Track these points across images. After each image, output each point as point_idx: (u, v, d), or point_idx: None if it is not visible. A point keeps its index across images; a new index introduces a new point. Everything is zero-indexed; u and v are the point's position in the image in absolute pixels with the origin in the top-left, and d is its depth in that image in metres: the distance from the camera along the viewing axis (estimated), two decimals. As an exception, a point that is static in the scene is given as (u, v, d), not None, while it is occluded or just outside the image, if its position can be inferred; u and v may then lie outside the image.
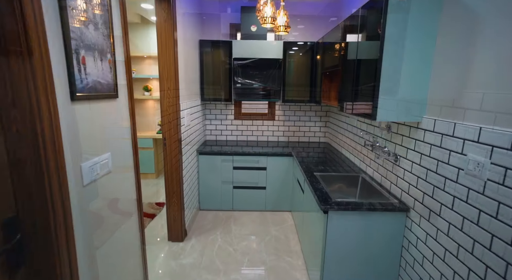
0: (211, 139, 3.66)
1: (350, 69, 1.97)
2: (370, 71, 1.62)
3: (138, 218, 1.55)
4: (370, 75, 1.62)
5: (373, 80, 1.57)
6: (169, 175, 2.42)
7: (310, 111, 3.58)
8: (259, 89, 3.20)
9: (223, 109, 3.57)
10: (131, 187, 1.49)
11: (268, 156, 3.12)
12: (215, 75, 3.20)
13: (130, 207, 1.48)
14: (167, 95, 2.27)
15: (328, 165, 2.56)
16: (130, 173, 1.48)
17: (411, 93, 1.51)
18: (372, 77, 1.59)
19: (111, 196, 1.31)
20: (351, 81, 1.90)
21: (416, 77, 1.49)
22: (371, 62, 1.62)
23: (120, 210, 1.38)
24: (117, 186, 1.35)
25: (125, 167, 1.43)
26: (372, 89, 1.58)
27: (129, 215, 1.47)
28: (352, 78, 1.88)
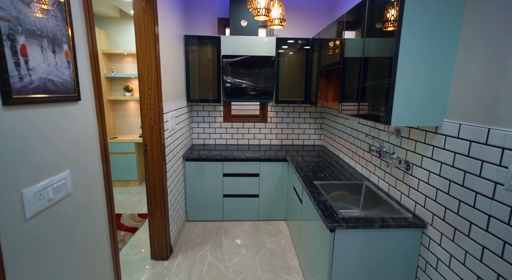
0: (198, 143, 3.39)
1: (354, 68, 1.76)
2: (382, 70, 1.42)
3: (111, 249, 1.27)
4: (382, 75, 1.42)
5: (385, 80, 1.36)
6: (151, 186, 2.14)
7: (305, 113, 3.37)
8: (250, 89, 2.97)
9: (211, 110, 3.31)
10: (100, 209, 1.22)
11: (261, 162, 2.88)
12: (202, 74, 2.93)
13: (99, 236, 1.21)
14: (147, 97, 1.99)
15: (327, 171, 2.35)
16: (98, 192, 1.20)
17: (429, 93, 1.31)
18: (383, 77, 1.39)
19: (72, 225, 1.03)
20: (356, 80, 1.70)
21: (436, 75, 1.29)
22: (383, 60, 1.41)
23: (85, 242, 1.11)
24: (80, 211, 1.08)
25: (91, 184, 1.16)
26: (384, 90, 1.37)
27: (98, 247, 1.20)
28: (358, 77, 1.67)
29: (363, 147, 2.26)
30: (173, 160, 2.44)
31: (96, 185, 1.19)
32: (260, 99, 3.04)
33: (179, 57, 2.65)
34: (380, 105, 1.42)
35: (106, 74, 3.78)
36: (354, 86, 1.74)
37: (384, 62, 1.38)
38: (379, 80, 1.44)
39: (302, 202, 2.19)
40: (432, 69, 1.29)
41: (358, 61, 1.68)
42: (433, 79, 1.30)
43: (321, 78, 2.66)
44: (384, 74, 1.38)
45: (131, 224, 2.87)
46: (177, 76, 2.57)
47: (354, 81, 1.75)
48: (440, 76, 1.30)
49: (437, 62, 1.29)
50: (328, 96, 2.71)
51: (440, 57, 1.28)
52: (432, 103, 1.32)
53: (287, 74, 3.03)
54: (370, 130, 2.13)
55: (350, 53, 1.84)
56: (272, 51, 2.91)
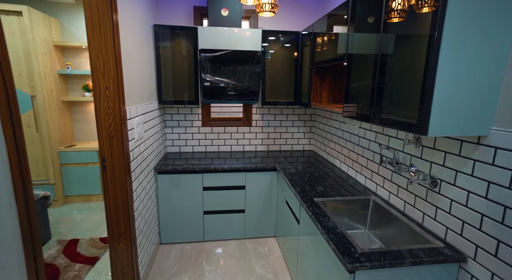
0: (173, 151, 2.94)
1: (364, 64, 1.45)
2: (412, 70, 1.11)
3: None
4: (411, 76, 1.11)
5: (417, 82, 1.06)
6: (112, 213, 1.68)
7: (293, 115, 3.05)
8: (232, 89, 2.58)
9: (188, 113, 2.88)
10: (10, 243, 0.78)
11: (247, 172, 2.51)
12: (176, 71, 2.50)
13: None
14: (104, 98, 1.54)
15: (325, 183, 2.04)
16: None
17: (475, 97, 1.02)
18: (414, 78, 1.09)
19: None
20: (368, 79, 1.38)
21: (483, 75, 1.01)
22: (411, 58, 1.11)
23: None
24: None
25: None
26: (415, 91, 1.06)
27: None
28: (371, 75, 1.36)
29: (366, 156, 1.98)
30: (141, 175, 1.99)
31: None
32: (244, 100, 2.67)
33: (147, 50, 2.20)
34: (409, 110, 1.11)
35: (59, 71, 3.20)
36: (365, 86, 1.43)
37: (416, 58, 1.08)
38: (408, 81, 1.13)
39: (300, 222, 1.85)
40: (477, 67, 1.00)
41: (372, 56, 1.36)
42: (480, 79, 1.01)
43: (314, 77, 2.35)
44: (414, 72, 1.08)
45: (91, 252, 2.36)
46: (145, 73, 2.13)
47: (365, 80, 1.44)
48: (487, 75, 1.01)
49: (483, 59, 1.00)
50: (323, 97, 2.41)
51: (486, 52, 1.00)
52: (477, 109, 1.04)
53: (275, 72, 2.68)
54: (377, 136, 1.84)
55: (359, 47, 1.53)
56: (257, 46, 2.55)
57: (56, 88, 3.18)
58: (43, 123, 3.03)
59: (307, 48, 2.48)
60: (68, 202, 3.40)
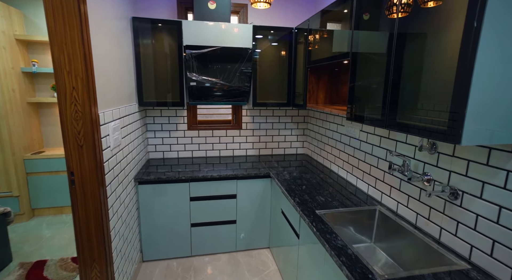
0: (156, 157, 2.68)
1: (376, 63, 1.30)
2: (439, 68, 0.96)
3: None
4: (438, 75, 0.96)
5: (446, 82, 0.91)
6: (83, 233, 1.43)
7: (285, 117, 2.88)
8: (221, 89, 2.37)
9: (172, 116, 2.64)
10: None
11: (238, 180, 2.31)
12: (158, 69, 2.26)
13: None
14: (71, 101, 1.29)
15: (325, 192, 1.87)
16: None
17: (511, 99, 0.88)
18: (441, 78, 0.94)
19: None
20: (382, 80, 1.23)
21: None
22: (438, 53, 0.96)
23: None
24: None
25: None
26: (446, 95, 0.91)
27: None
28: (385, 77, 1.21)
29: (369, 161, 1.83)
30: (119, 188, 1.74)
31: None
32: (234, 102, 2.47)
33: (125, 46, 1.94)
34: (436, 114, 0.96)
35: (24, 69, 2.84)
36: (376, 86, 1.28)
37: (446, 54, 0.92)
38: (432, 79, 0.98)
39: (300, 237, 1.68)
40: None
41: (384, 52, 1.21)
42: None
43: (310, 76, 2.19)
44: (443, 70, 0.93)
45: (60, 276, 2.06)
46: (123, 71, 1.87)
47: (375, 80, 1.29)
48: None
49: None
50: (319, 98, 2.25)
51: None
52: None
53: (267, 71, 2.50)
54: (381, 140, 1.70)
55: (368, 42, 1.37)
56: (248, 42, 2.35)
57: (19, 87, 2.82)
58: (3, 127, 2.67)
59: (301, 46, 2.31)
60: (36, 215, 3.04)
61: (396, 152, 1.46)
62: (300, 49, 2.35)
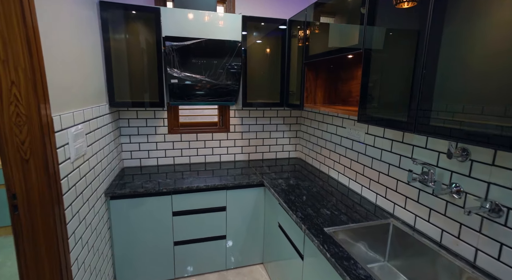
0: (132, 165, 2.34)
1: (400, 53, 1.09)
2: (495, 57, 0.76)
3: None
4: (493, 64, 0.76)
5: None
6: (30, 276, 1.10)
7: (277, 118, 2.65)
8: (207, 87, 2.10)
9: (150, 118, 2.32)
10: None
11: (228, 190, 2.04)
12: (133, 64, 1.94)
13: None
14: (10, 100, 0.97)
15: (329, 203, 1.65)
16: None
17: None
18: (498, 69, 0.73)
19: None
20: (410, 74, 1.02)
21: None
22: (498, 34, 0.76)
23: None
24: None
25: None
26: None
27: None
28: (415, 70, 1.00)
29: (377, 168, 1.63)
30: (84, 208, 1.41)
31: None
32: (221, 101, 2.20)
33: (91, 35, 1.62)
34: (501, 115, 0.75)
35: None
36: (401, 82, 1.07)
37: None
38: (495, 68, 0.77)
39: (305, 258, 1.44)
40: None
41: (413, 38, 0.99)
42: None
43: (308, 73, 1.96)
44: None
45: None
46: (88, 66, 1.54)
47: (399, 73, 1.08)
48: None
49: None
50: (317, 97, 2.03)
51: None
52: None
53: (257, 67, 2.25)
54: (393, 145, 1.50)
55: (388, 31, 1.16)
56: (237, 35, 2.09)
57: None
58: None
59: (295, 39, 2.09)
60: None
61: (420, 160, 1.26)
62: (294, 43, 2.13)
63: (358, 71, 1.80)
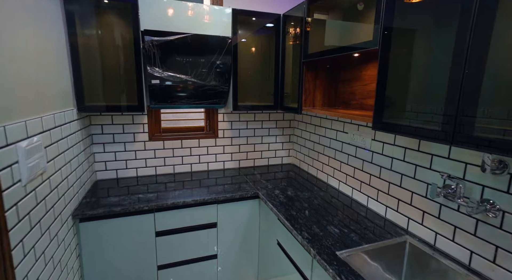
0: (107, 177, 2.05)
1: (432, 46, 0.92)
2: None
3: None
4: None
5: None
6: None
7: (269, 121, 2.45)
8: (193, 89, 1.86)
9: (128, 123, 2.04)
10: None
11: (219, 204, 1.81)
12: (107, 62, 1.67)
13: None
14: None
15: (334, 219, 1.48)
16: None
17: None
18: None
19: None
20: (445, 74, 0.85)
21: None
22: None
23: None
24: None
25: None
26: None
27: None
28: (454, 66, 0.83)
29: (387, 178, 1.48)
30: (44, 238, 1.14)
31: None
32: (209, 104, 1.97)
33: (54, 32, 1.33)
34: None
35: None
36: (433, 80, 0.90)
37: None
38: None
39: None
40: None
41: (454, 24, 0.83)
42: None
43: (306, 73, 1.78)
44: None
45: None
46: (47, 65, 1.26)
47: (430, 71, 0.91)
48: None
49: None
50: (316, 99, 1.86)
51: None
52: None
53: (249, 66, 2.04)
54: (406, 153, 1.35)
55: (415, 18, 0.99)
56: (226, 30, 1.87)
57: None
58: None
59: (292, 36, 1.90)
60: None
61: (447, 174, 1.10)
62: (289, 40, 1.94)
63: (362, 71, 1.64)
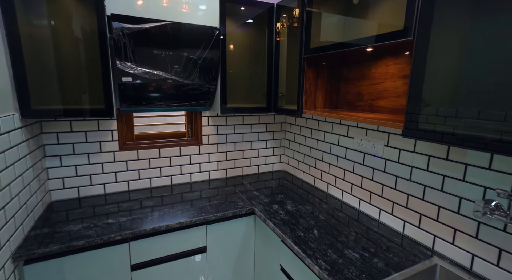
0: (65, 198, 1.67)
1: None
2: None
3: None
4: None
5: None
6: None
7: (259, 125, 2.20)
8: (173, 88, 1.57)
9: (92, 130, 1.67)
10: None
11: (208, 225, 1.53)
12: (63, 55, 1.31)
13: None
14: None
15: (348, 239, 1.27)
16: None
17: None
18: None
19: None
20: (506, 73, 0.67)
21: None
22: None
23: None
24: None
25: None
26: None
27: None
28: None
29: (404, 190, 1.30)
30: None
31: None
32: (192, 106, 1.68)
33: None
34: None
35: None
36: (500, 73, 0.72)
37: None
38: None
39: (336, 328, 1.03)
40: None
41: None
42: None
43: (307, 71, 1.56)
44: None
45: None
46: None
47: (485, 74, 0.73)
48: None
49: None
50: (317, 101, 1.65)
51: None
52: None
53: (239, 62, 1.78)
54: (430, 162, 1.18)
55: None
56: (214, 19, 1.59)
57: None
58: None
59: (285, 29, 1.68)
60: None
61: (504, 190, 0.93)
62: (283, 33, 1.71)
63: (371, 69, 1.46)
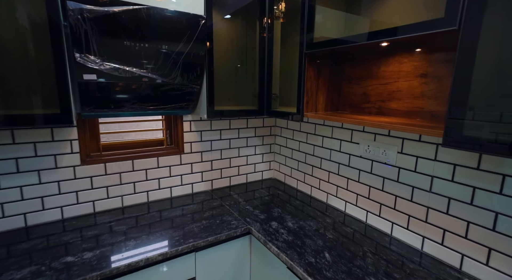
0: (6, 229, 1.30)
1: None
2: None
3: None
4: None
5: None
6: None
7: (247, 129, 1.98)
8: (149, 88, 1.29)
9: (44, 141, 1.33)
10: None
11: (197, 252, 1.28)
12: (3, 47, 0.97)
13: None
14: None
15: (365, 262, 1.11)
16: None
17: None
18: None
19: None
20: None
21: None
22: None
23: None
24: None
25: None
26: None
27: None
28: None
29: (426, 202, 1.16)
30: None
31: None
32: (173, 110, 1.42)
33: None
34: None
35: None
36: None
37: None
38: None
39: None
40: None
41: None
42: None
43: (308, 69, 1.37)
44: None
45: None
46: None
47: None
48: None
49: None
50: (318, 103, 1.47)
51: None
52: None
53: (226, 59, 1.55)
54: (456, 171, 1.05)
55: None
56: (198, 6, 1.34)
57: None
58: None
59: (280, 21, 1.48)
60: None
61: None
62: (277, 25, 1.51)
63: (381, 67, 1.31)
